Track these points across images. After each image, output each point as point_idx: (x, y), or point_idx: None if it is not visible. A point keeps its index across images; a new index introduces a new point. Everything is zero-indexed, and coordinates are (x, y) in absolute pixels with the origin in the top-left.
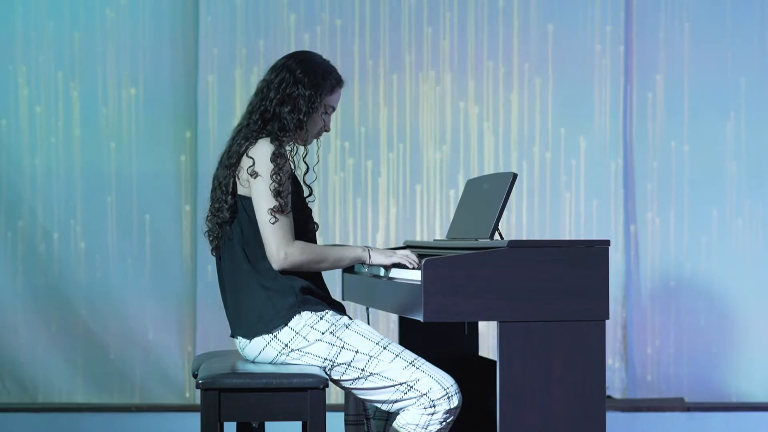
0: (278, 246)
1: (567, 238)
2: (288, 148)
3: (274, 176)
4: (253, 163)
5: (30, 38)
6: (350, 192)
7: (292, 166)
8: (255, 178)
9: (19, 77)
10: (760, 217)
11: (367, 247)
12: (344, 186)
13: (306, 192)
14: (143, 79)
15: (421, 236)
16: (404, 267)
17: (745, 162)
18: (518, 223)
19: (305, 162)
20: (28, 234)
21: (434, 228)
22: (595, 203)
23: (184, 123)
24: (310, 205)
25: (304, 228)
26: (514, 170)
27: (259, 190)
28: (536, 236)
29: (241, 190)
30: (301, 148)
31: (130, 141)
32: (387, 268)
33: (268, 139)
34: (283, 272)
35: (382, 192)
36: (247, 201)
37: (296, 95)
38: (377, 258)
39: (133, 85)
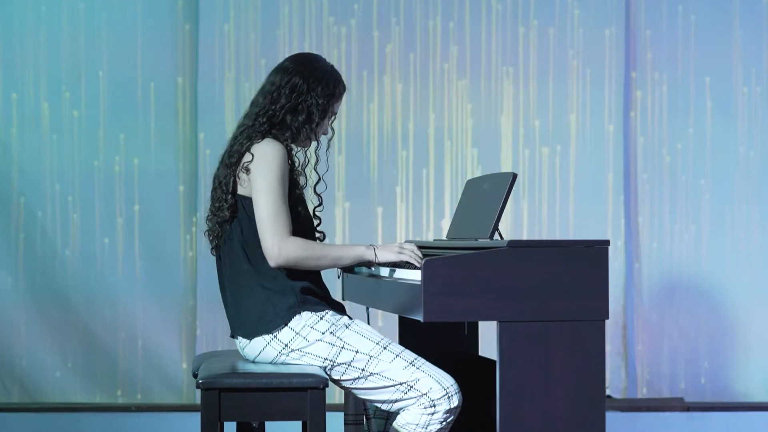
0: (273, 241)
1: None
2: (295, 151)
3: (281, 178)
4: (252, 159)
5: None
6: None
7: (300, 172)
8: (254, 174)
9: None
10: (761, 218)
11: (372, 245)
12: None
13: (316, 201)
14: None
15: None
16: (412, 265)
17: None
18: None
19: (316, 171)
20: (28, 234)
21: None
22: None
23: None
24: (318, 214)
25: (305, 235)
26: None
27: (257, 187)
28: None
29: (240, 190)
30: (312, 159)
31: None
32: (396, 264)
33: (274, 141)
34: (283, 271)
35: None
36: (247, 201)
37: (310, 104)
38: (385, 255)
39: None
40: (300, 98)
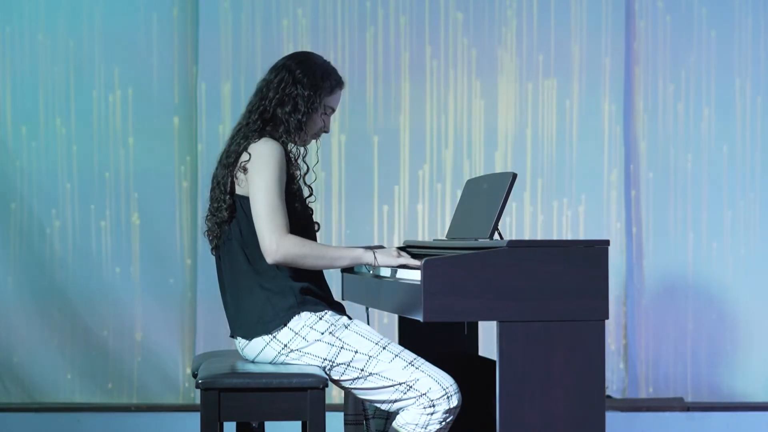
0: (271, 238)
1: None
2: (289, 148)
3: (278, 176)
4: (249, 159)
5: None
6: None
7: (297, 167)
8: (251, 173)
9: None
10: (761, 218)
11: (371, 248)
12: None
13: (306, 192)
14: None
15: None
16: (410, 267)
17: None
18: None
19: (305, 162)
20: (27, 233)
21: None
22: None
23: None
24: (311, 205)
25: (305, 229)
26: None
27: (255, 186)
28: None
29: (239, 190)
30: (301, 149)
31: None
32: (393, 268)
33: (270, 140)
34: (283, 272)
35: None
36: (246, 201)
37: (295, 95)
38: (384, 259)
39: None
40: (286, 90)
